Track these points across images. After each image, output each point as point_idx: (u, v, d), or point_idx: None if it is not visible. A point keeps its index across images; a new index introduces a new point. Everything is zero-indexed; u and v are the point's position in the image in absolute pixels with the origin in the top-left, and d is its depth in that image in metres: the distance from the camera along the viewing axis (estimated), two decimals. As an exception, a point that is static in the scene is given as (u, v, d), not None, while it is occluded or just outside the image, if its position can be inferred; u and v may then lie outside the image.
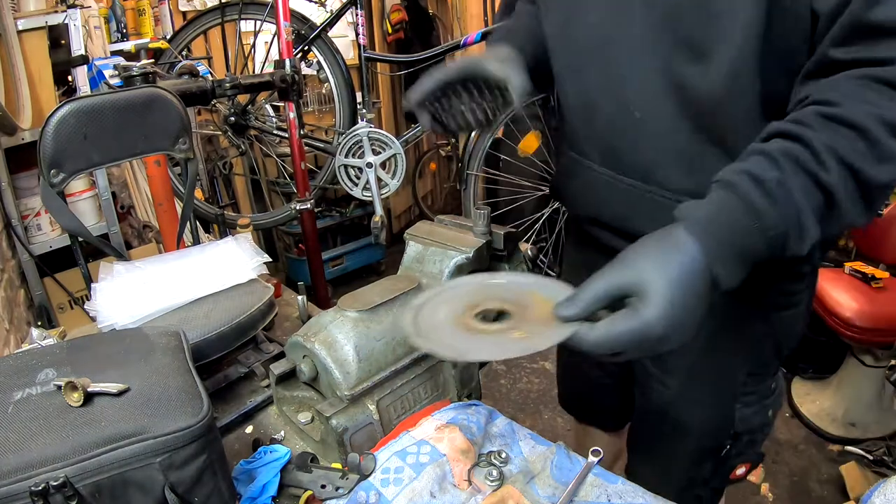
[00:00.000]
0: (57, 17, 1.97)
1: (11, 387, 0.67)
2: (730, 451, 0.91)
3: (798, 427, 2.24)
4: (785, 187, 0.56)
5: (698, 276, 0.56)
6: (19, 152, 1.86)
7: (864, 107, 0.56)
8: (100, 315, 0.93)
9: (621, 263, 0.57)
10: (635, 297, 0.55)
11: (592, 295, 0.57)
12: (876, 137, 0.55)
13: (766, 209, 0.56)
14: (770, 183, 0.56)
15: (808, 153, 0.56)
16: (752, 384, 0.88)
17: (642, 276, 0.55)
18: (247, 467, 0.76)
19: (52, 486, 0.56)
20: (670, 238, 0.57)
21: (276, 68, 2.07)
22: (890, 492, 0.88)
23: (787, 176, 0.56)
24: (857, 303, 2.02)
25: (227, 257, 1.11)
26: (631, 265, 0.57)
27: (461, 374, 0.88)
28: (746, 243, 0.57)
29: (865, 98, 0.57)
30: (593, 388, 1.20)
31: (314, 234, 2.34)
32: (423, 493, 0.66)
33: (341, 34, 3.26)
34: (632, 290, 0.55)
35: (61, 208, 1.14)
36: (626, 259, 0.58)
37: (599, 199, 0.88)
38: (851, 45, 0.59)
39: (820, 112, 0.58)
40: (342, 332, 0.79)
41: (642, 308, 0.54)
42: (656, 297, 0.54)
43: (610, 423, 1.25)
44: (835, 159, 0.56)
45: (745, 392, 0.88)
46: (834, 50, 0.60)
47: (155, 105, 1.22)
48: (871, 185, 0.56)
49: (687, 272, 0.55)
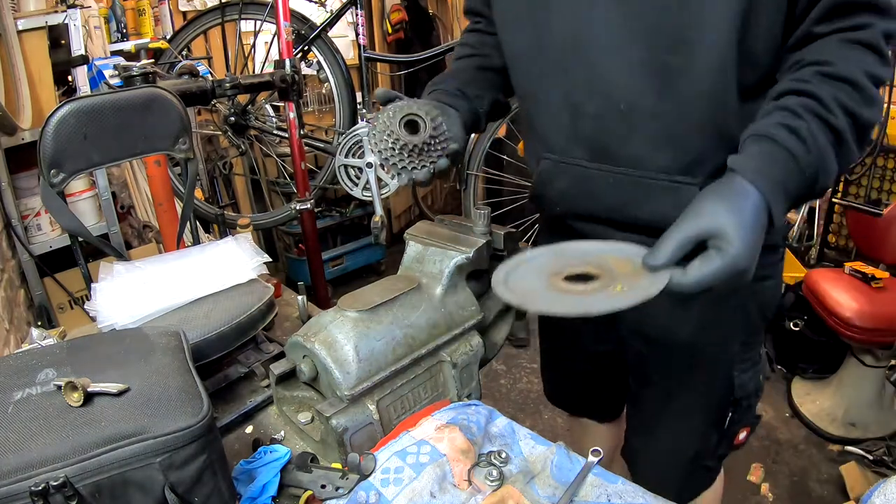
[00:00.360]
0: (57, 17, 1.97)
1: (11, 387, 0.67)
2: (732, 417, 0.98)
3: (798, 427, 2.24)
4: (812, 133, 0.67)
5: (763, 215, 0.65)
6: (19, 152, 1.86)
7: (852, 63, 0.69)
8: (100, 315, 0.93)
9: (695, 213, 0.64)
10: (717, 239, 0.62)
11: (676, 243, 0.63)
12: (864, 86, 0.68)
13: (803, 153, 0.67)
14: (802, 131, 0.67)
15: (818, 104, 0.68)
16: (746, 352, 0.96)
17: (720, 220, 0.62)
18: (247, 467, 0.76)
19: (52, 486, 0.56)
20: (734, 187, 0.66)
21: (276, 68, 2.07)
22: (890, 492, 0.88)
23: (811, 124, 0.67)
24: (857, 303, 2.02)
25: (227, 257, 1.11)
26: (705, 213, 0.64)
27: (461, 374, 0.88)
28: (791, 183, 0.67)
29: (850, 56, 0.69)
30: (584, 381, 1.23)
31: (314, 234, 2.34)
32: (423, 493, 0.66)
33: (341, 34, 3.26)
34: (712, 233, 0.62)
35: (61, 208, 1.14)
36: (698, 209, 0.64)
37: (592, 194, 0.90)
38: (831, 20, 0.70)
39: (818, 71, 0.70)
40: (342, 332, 0.79)
41: (728, 247, 0.61)
42: (736, 238, 0.61)
43: (604, 413, 1.28)
44: (840, 107, 0.68)
45: (742, 360, 0.96)
46: (816, 26, 0.72)
47: (155, 105, 1.22)
48: (865, 126, 0.70)
49: (755, 213, 0.64)
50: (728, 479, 1.97)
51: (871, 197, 2.76)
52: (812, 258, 3.14)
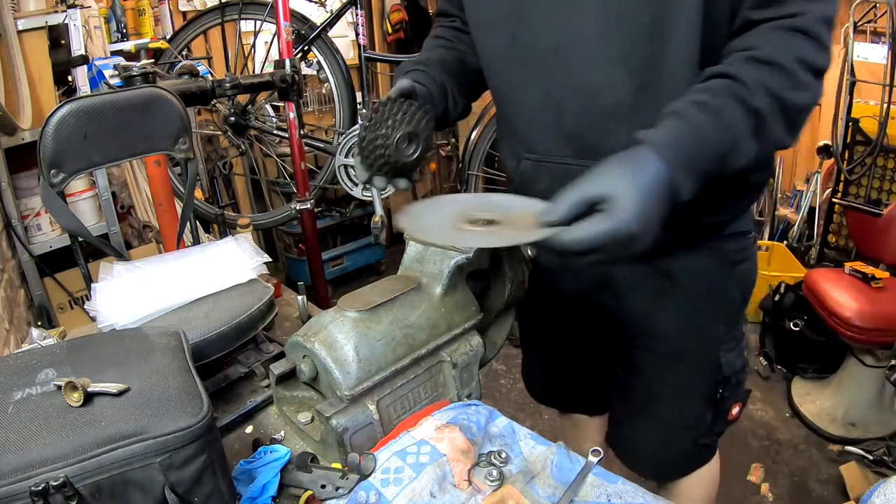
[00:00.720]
0: (57, 17, 1.97)
1: (11, 387, 0.67)
2: (723, 394, 1.02)
3: (798, 427, 2.24)
4: (722, 111, 0.68)
5: (663, 186, 0.66)
6: (19, 152, 1.86)
7: (780, 47, 0.70)
8: (100, 315, 0.93)
9: (593, 177, 0.66)
10: (608, 202, 0.63)
11: (569, 203, 0.65)
12: (792, 70, 0.69)
13: (709, 128, 0.68)
14: (711, 107, 0.68)
15: (739, 85, 0.69)
16: (730, 331, 1.00)
17: (614, 185, 0.64)
18: (247, 467, 0.76)
19: (52, 486, 0.56)
20: (636, 156, 0.67)
21: (276, 68, 2.07)
22: (890, 492, 0.88)
23: (725, 103, 0.69)
24: (857, 303, 2.02)
25: (227, 257, 1.11)
26: (602, 177, 0.66)
27: (461, 374, 0.88)
28: (698, 157, 0.68)
29: (780, 41, 0.70)
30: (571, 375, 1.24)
31: (314, 234, 2.34)
32: (423, 493, 0.66)
33: (341, 34, 3.26)
34: (605, 197, 0.64)
35: (61, 208, 1.14)
36: (597, 173, 0.66)
37: None
38: (766, 7, 0.72)
39: (745, 56, 0.71)
40: (342, 332, 0.79)
41: (616, 211, 0.62)
42: (627, 202, 0.63)
43: (594, 406, 1.30)
44: (762, 88, 0.69)
45: (726, 339, 1.00)
46: (751, 12, 0.73)
47: (155, 105, 1.22)
48: (792, 109, 0.71)
49: (653, 181, 0.65)
50: (728, 479, 1.98)
51: (871, 197, 2.76)
52: (812, 258, 3.14)
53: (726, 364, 1.00)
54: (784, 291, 2.46)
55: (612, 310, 1.04)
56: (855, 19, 2.66)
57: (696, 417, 1.04)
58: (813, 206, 3.12)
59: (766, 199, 3.37)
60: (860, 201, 2.70)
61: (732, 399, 1.04)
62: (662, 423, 1.07)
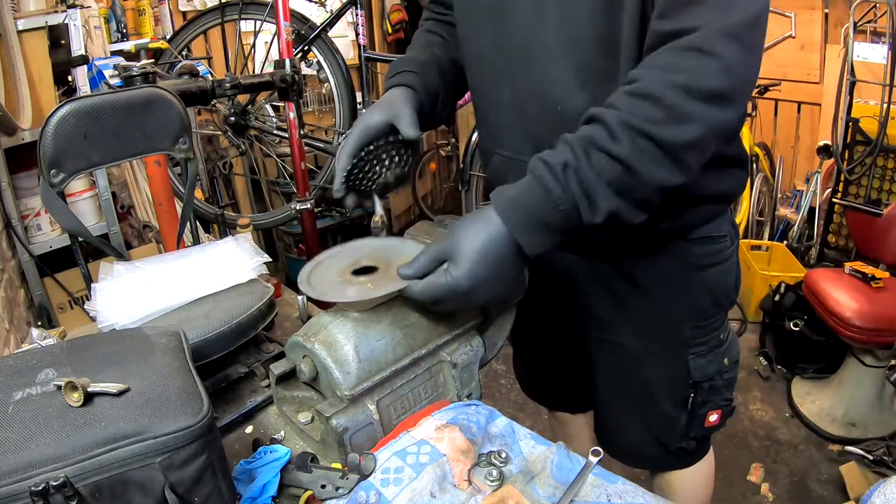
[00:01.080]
0: (57, 17, 1.97)
1: (11, 387, 0.67)
2: (695, 399, 1.01)
3: (798, 427, 2.24)
4: (572, 168, 0.69)
5: (502, 244, 0.72)
6: (19, 152, 1.86)
7: (661, 77, 0.67)
8: (100, 315, 0.93)
9: (448, 235, 0.74)
10: (450, 261, 0.72)
11: (424, 259, 0.75)
12: (670, 103, 0.66)
13: (554, 187, 0.69)
14: (558, 167, 0.69)
15: (603, 131, 0.69)
16: (699, 336, 0.99)
17: (456, 245, 0.72)
18: (247, 467, 0.76)
19: (52, 486, 0.56)
20: (482, 216, 0.73)
21: (276, 68, 2.07)
22: (890, 492, 0.88)
23: (578, 158, 0.69)
24: (857, 303, 2.02)
25: (227, 257, 1.11)
26: (451, 237, 0.73)
27: (461, 374, 0.88)
28: (543, 216, 0.71)
29: (664, 68, 0.68)
30: (553, 371, 1.27)
31: (314, 234, 2.34)
32: (423, 493, 0.66)
33: (341, 34, 3.26)
34: (448, 255, 0.73)
35: (61, 208, 1.14)
36: (450, 232, 0.74)
37: None
38: (668, 17, 0.70)
39: (625, 90, 0.70)
40: (342, 332, 0.79)
41: (452, 269, 0.72)
42: (462, 262, 0.71)
43: (577, 404, 1.32)
44: (628, 131, 0.67)
45: (694, 343, 0.99)
46: (656, 23, 0.71)
47: (155, 105, 1.22)
48: (670, 147, 0.67)
49: (491, 241, 0.71)
50: (728, 478, 1.98)
51: (871, 197, 2.76)
52: (812, 258, 3.14)
53: (696, 368, 0.99)
54: (784, 291, 2.46)
55: (581, 307, 1.07)
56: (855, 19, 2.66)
57: (668, 418, 1.04)
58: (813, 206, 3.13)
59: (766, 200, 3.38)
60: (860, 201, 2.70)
61: (708, 406, 1.02)
62: (634, 422, 1.08)
